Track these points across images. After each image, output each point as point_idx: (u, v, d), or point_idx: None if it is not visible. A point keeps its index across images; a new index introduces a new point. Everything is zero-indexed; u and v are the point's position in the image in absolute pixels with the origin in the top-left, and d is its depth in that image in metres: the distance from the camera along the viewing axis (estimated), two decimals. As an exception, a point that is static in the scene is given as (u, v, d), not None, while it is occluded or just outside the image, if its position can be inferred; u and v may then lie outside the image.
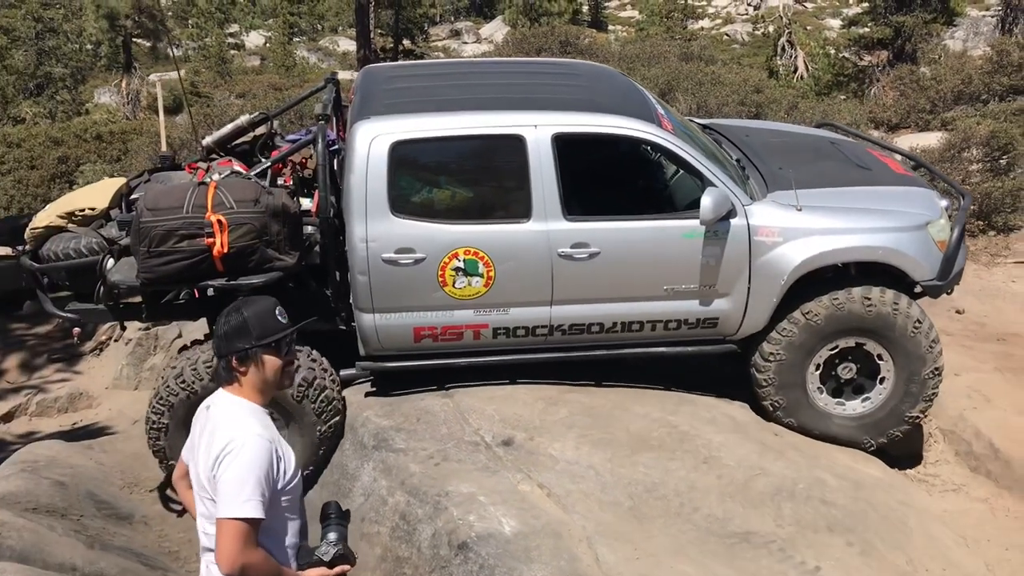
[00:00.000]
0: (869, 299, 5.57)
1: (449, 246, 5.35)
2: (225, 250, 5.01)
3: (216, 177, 5.29)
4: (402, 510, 4.91)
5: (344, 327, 5.69)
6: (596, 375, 5.97)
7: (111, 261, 5.45)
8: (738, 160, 6.05)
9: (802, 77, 24.71)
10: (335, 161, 5.86)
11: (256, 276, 5.17)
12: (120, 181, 6.16)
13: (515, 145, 5.37)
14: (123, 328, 6.78)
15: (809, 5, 45.11)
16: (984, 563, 5.17)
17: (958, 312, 8.14)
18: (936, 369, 5.74)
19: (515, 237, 5.41)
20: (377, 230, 5.32)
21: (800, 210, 5.51)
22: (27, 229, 5.74)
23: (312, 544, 3.10)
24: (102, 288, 5.49)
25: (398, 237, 5.33)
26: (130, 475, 6.29)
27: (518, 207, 5.43)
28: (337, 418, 5.50)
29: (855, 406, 5.82)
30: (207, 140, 6.17)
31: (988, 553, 5.30)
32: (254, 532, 2.81)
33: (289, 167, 6.03)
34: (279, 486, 2.92)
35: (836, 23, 34.90)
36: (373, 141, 5.31)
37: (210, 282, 5.20)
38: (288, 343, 3.05)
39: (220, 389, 3.04)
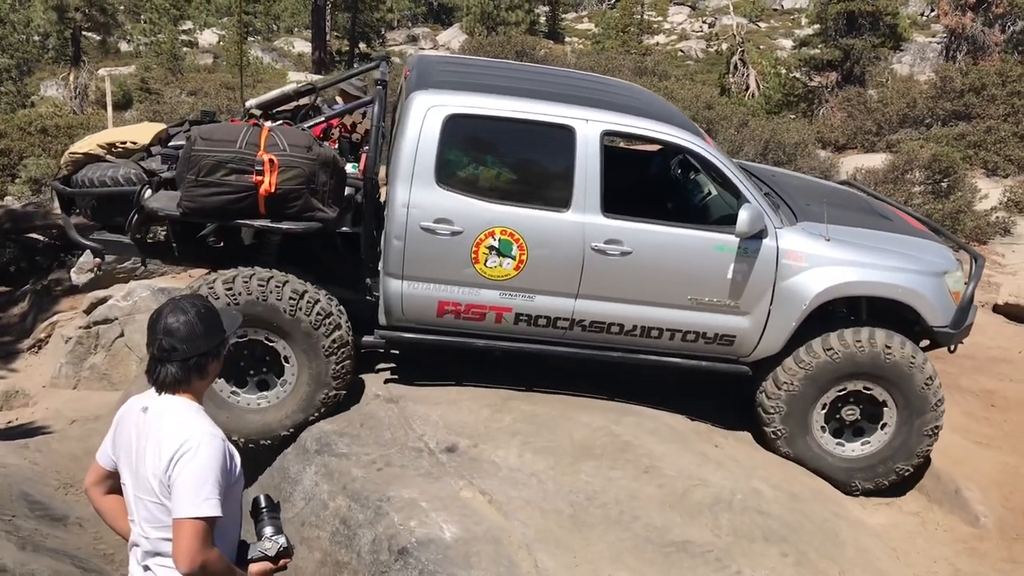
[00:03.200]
0: (929, 382, 5.77)
1: (487, 224, 5.41)
2: (272, 190, 5.04)
3: (269, 124, 5.32)
4: (343, 515, 4.89)
5: (368, 296, 5.73)
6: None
7: (149, 192, 5.39)
8: (766, 193, 6.12)
9: (753, 95, 25.10)
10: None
11: (296, 223, 5.19)
12: (160, 125, 6.13)
13: (565, 136, 5.48)
14: (144, 266, 6.71)
15: (763, 25, 45.86)
16: (913, 574, 5.30)
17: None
18: (909, 467, 5.96)
19: (552, 224, 5.48)
20: (420, 198, 5.38)
21: (828, 240, 5.65)
22: (65, 153, 5.71)
23: (247, 539, 3.06)
24: (135, 218, 5.43)
25: (439, 207, 5.39)
26: (66, 475, 6.17)
27: (559, 196, 5.51)
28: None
29: (831, 444, 5.95)
30: (250, 102, 6.16)
31: (918, 565, 5.43)
32: (212, 530, 2.80)
33: (338, 130, 6.09)
34: (230, 483, 2.90)
35: (788, 43, 35.51)
36: (429, 111, 5.40)
37: (249, 221, 5.21)
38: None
39: (154, 392, 2.95)
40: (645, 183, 6.80)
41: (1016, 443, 6.78)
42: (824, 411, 5.85)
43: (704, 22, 47.03)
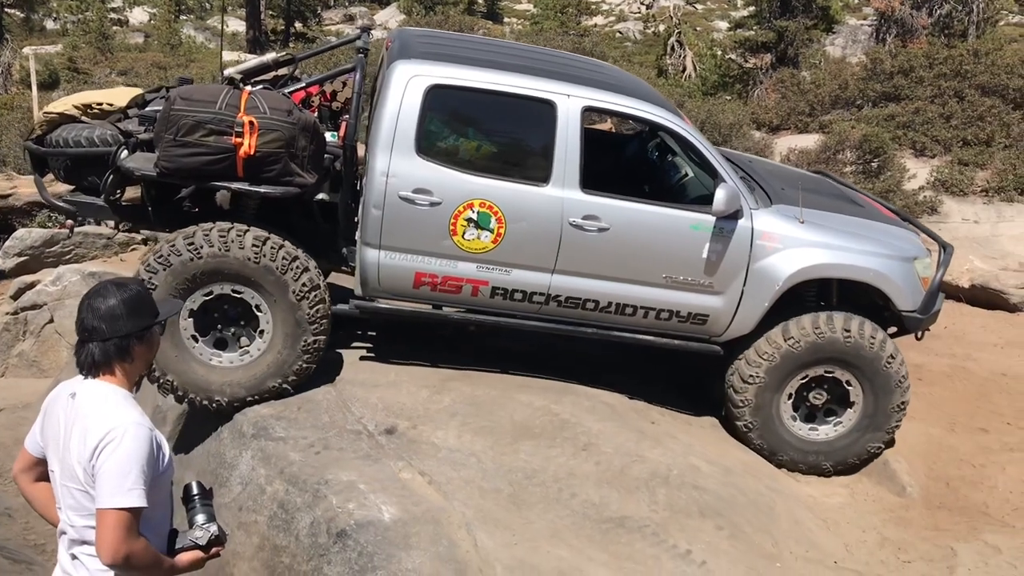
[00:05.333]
0: (903, 405, 6.00)
1: (466, 196, 5.42)
2: (251, 152, 4.98)
3: (249, 88, 5.27)
4: (281, 499, 4.85)
5: (344, 266, 5.75)
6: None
7: (125, 153, 5.28)
8: (742, 177, 6.17)
9: (690, 76, 25.27)
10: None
11: (274, 187, 5.13)
12: (137, 90, 6.02)
13: (546, 110, 5.51)
14: (117, 229, 6.59)
15: (699, 7, 46.23)
16: (844, 544, 5.45)
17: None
18: (832, 469, 6.12)
19: (531, 199, 5.50)
20: (399, 167, 5.37)
21: (802, 223, 5.74)
22: (39, 113, 5.62)
23: (179, 527, 3.03)
24: (110, 179, 5.33)
25: (418, 177, 5.39)
26: (-7, 465, 6.03)
27: (539, 170, 5.54)
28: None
29: (787, 415, 6.06)
30: (230, 71, 6.03)
31: (848, 535, 5.58)
32: (137, 521, 2.75)
33: (318, 98, 6.08)
34: (157, 472, 2.86)
35: (724, 25, 35.87)
36: (411, 80, 5.39)
37: (227, 183, 5.14)
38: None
39: (82, 377, 2.91)
40: (623, 164, 6.85)
41: (940, 415, 7.01)
42: (803, 381, 5.96)
43: (642, 3, 47.21)
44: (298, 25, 38.45)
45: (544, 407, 5.69)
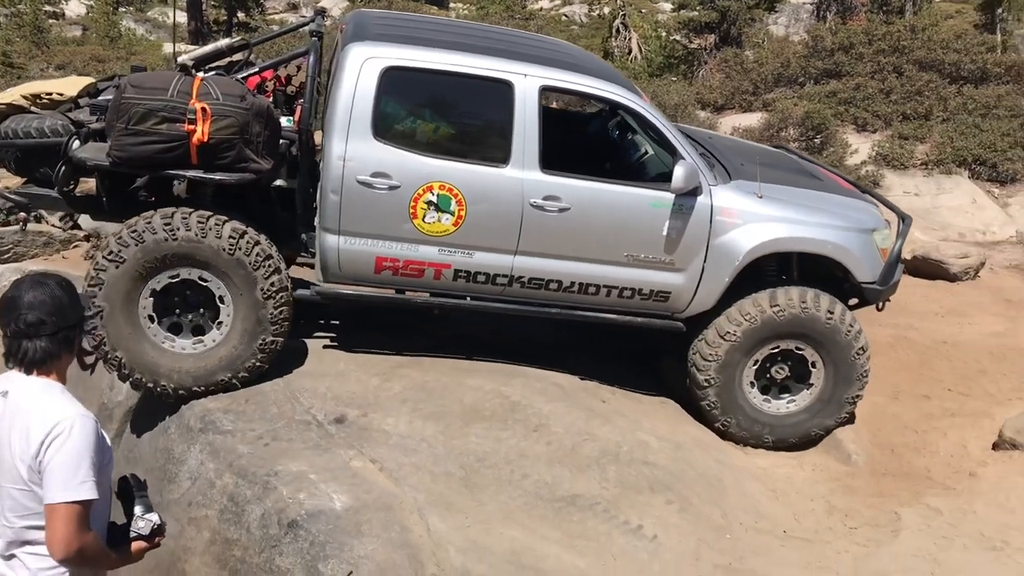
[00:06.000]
0: (855, 397, 6.14)
1: (425, 178, 5.39)
2: (205, 139, 4.92)
3: (202, 74, 5.20)
4: (230, 492, 4.82)
5: (305, 253, 5.70)
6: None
7: (77, 143, 5.19)
8: (702, 153, 6.17)
9: (636, 58, 25.35)
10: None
11: (229, 174, 5.07)
12: (89, 79, 5.93)
13: (503, 91, 5.48)
14: (72, 221, 6.45)
15: (644, -12, 46.32)
16: (792, 513, 5.55)
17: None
18: (770, 442, 6.18)
19: (491, 180, 5.48)
20: (356, 151, 5.33)
21: (761, 198, 5.77)
22: None
23: (114, 519, 3.01)
24: (62, 170, 5.24)
25: (376, 161, 5.35)
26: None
27: (498, 151, 5.52)
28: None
29: (747, 382, 6.11)
30: (183, 58, 5.93)
31: (796, 504, 5.68)
32: (88, 514, 2.74)
33: (272, 83, 6.02)
34: (103, 464, 2.84)
35: (668, 6, 35.98)
36: (365, 63, 5.34)
37: (181, 171, 5.08)
38: None
39: (15, 373, 2.85)
40: (583, 143, 6.84)
41: (883, 384, 7.14)
42: (772, 351, 6.02)
43: (587, -14, 47.18)
44: (240, 15, 37.82)
45: (494, 390, 5.70)
